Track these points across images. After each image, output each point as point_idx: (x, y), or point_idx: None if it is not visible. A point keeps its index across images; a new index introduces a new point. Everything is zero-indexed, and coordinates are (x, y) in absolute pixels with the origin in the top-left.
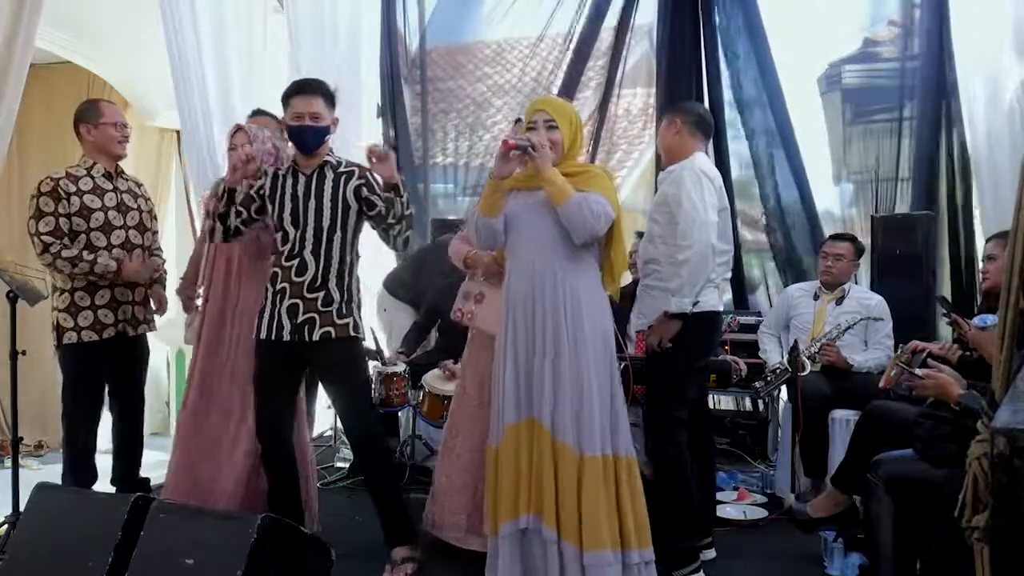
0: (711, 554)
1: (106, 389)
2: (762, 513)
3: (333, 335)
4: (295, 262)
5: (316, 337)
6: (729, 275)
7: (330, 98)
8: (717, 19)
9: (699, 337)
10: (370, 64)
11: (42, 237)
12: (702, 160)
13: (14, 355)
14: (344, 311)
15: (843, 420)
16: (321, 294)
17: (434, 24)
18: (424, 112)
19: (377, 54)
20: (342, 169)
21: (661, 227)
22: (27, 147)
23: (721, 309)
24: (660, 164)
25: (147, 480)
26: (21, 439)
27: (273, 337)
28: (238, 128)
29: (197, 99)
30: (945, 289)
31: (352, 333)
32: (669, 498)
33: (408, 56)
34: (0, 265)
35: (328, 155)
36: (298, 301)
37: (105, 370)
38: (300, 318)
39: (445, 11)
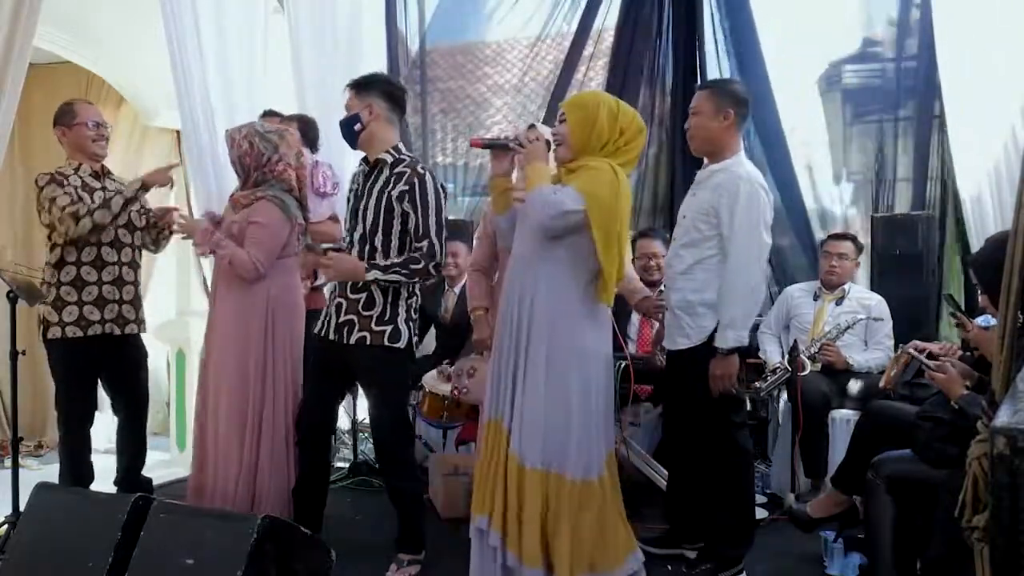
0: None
1: (99, 389)
2: (762, 513)
3: (368, 341)
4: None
5: (352, 340)
6: None
7: (363, 86)
8: (715, 17)
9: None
10: (370, 64)
11: (66, 210)
12: (750, 165)
13: (14, 355)
14: (386, 317)
15: (843, 420)
16: (363, 296)
17: (434, 24)
18: (424, 112)
19: (377, 54)
20: (398, 169)
21: (704, 236)
22: (28, 147)
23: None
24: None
25: (149, 480)
26: (21, 439)
27: (323, 333)
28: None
29: (198, 99)
30: (953, 289)
31: (387, 342)
32: (733, 503)
33: (408, 56)
34: (0, 265)
35: (389, 151)
36: (343, 300)
37: (98, 370)
38: (342, 318)
39: (445, 11)
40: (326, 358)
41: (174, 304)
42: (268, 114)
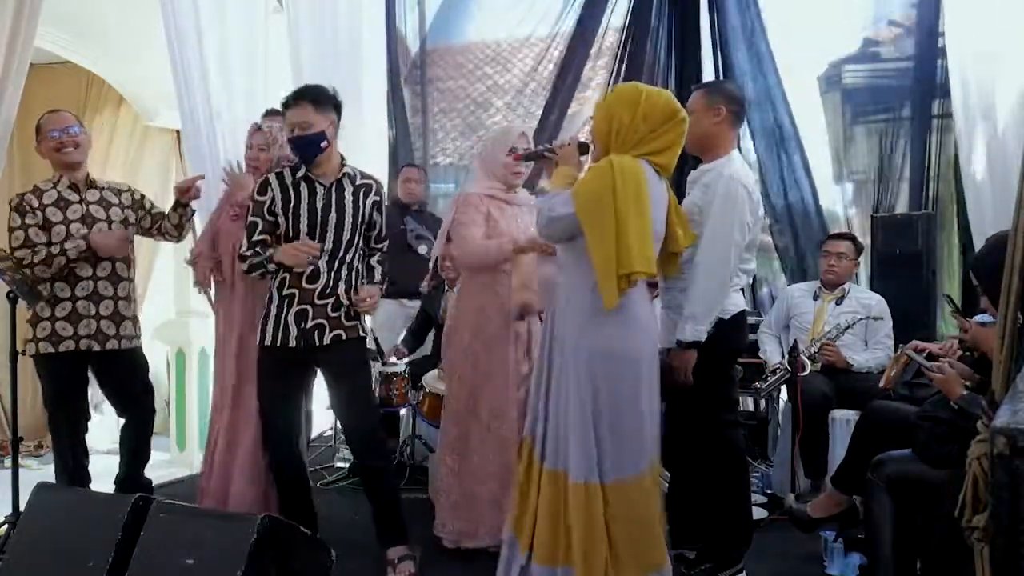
0: None
1: (90, 396)
2: (762, 513)
3: (344, 337)
4: (308, 270)
5: (327, 341)
6: (751, 279)
7: (321, 101)
8: (721, 18)
9: (731, 340)
10: (370, 64)
11: (15, 254)
12: (739, 164)
13: (14, 355)
14: (351, 314)
15: (843, 420)
16: (331, 300)
17: (434, 24)
18: (424, 112)
19: (377, 54)
20: (360, 181)
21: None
22: (28, 147)
23: (745, 307)
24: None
25: (149, 481)
26: (21, 439)
27: (279, 343)
28: (258, 128)
29: (198, 99)
30: (953, 288)
31: (360, 334)
32: (728, 502)
33: (408, 56)
34: (0, 265)
35: (345, 164)
36: (307, 307)
37: (84, 382)
38: (309, 324)
39: (445, 11)
40: (285, 369)
41: (174, 304)
42: (270, 114)
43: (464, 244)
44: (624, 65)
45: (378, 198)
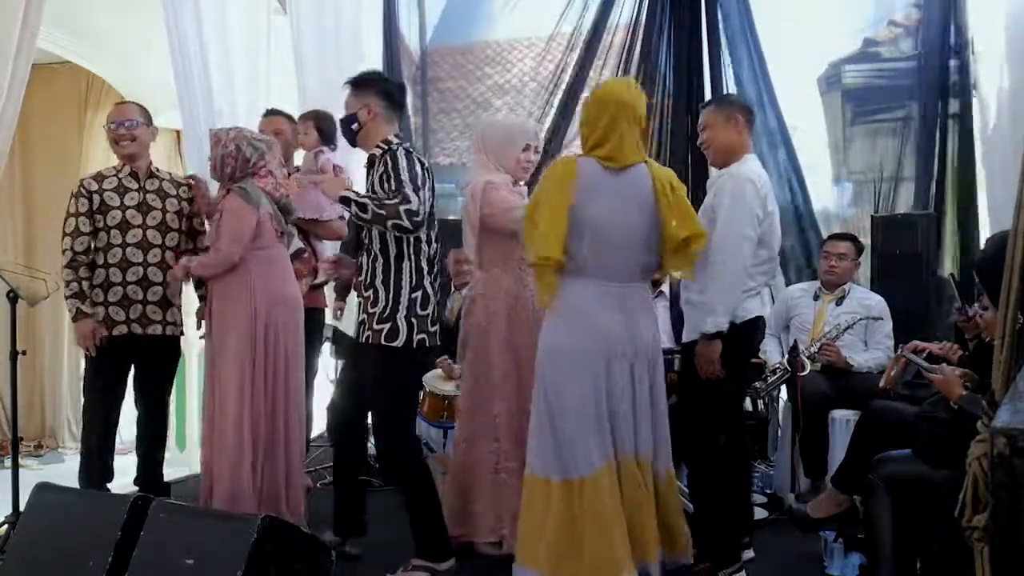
0: (749, 554)
1: (128, 389)
2: (762, 513)
3: (370, 340)
4: (358, 263)
5: (363, 339)
6: (773, 280)
7: (360, 85)
8: (719, 19)
9: (742, 344)
10: (372, 65)
11: (64, 239)
12: (750, 164)
13: (14, 355)
14: (385, 314)
15: (843, 420)
16: (370, 293)
17: (435, 25)
18: (425, 112)
19: (379, 55)
20: (377, 160)
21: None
22: (28, 147)
23: (763, 314)
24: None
25: (168, 485)
26: (21, 439)
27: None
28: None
29: (199, 99)
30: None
31: (383, 341)
32: (729, 504)
33: (410, 57)
34: (0, 265)
35: (379, 145)
36: (360, 300)
37: (126, 369)
38: (360, 317)
39: (446, 11)
40: (352, 358)
41: None
42: (271, 113)
43: (503, 204)
44: (625, 66)
45: (383, 168)
